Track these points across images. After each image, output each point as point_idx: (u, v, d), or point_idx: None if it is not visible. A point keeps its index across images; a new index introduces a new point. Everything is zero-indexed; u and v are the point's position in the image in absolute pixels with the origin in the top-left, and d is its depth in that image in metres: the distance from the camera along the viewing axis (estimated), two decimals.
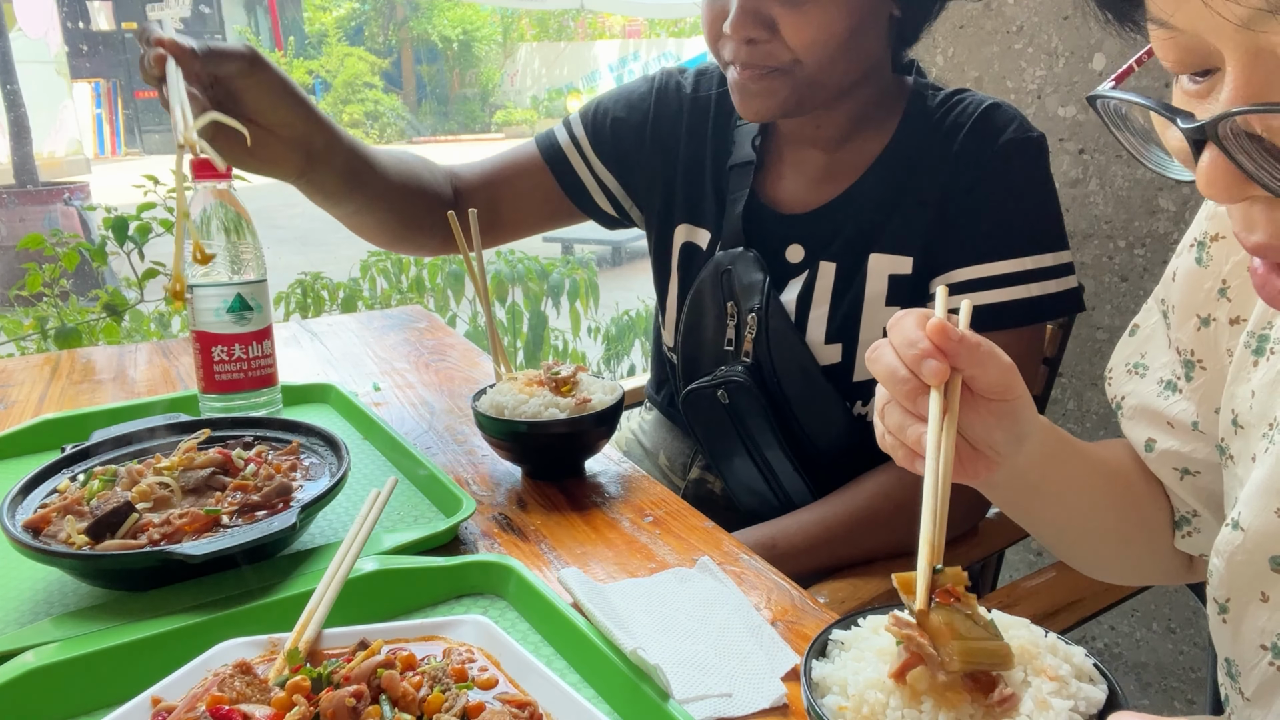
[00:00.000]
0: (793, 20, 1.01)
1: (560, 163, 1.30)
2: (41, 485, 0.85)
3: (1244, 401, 0.68)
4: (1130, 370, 0.80)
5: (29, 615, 0.75)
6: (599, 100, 1.32)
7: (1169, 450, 0.76)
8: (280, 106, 1.00)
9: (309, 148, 1.04)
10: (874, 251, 1.11)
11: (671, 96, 1.28)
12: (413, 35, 23.22)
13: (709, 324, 1.20)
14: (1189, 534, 0.79)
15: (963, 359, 0.60)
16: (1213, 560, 0.69)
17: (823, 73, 1.04)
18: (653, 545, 0.88)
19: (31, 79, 9.62)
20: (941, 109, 1.11)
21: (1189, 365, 0.74)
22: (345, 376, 1.38)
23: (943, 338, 0.59)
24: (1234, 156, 0.41)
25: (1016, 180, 1.07)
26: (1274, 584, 0.63)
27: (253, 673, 0.58)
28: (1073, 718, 0.49)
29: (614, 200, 1.32)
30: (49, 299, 2.61)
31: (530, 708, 0.57)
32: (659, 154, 1.27)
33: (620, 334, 3.52)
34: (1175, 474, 0.77)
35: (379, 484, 0.80)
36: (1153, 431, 0.77)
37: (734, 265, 1.16)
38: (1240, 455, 0.68)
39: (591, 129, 1.30)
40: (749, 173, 1.19)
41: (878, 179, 1.13)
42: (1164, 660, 1.71)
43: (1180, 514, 0.79)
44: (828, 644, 0.58)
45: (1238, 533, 0.65)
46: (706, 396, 1.17)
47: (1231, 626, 0.67)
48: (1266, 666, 0.64)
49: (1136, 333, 0.81)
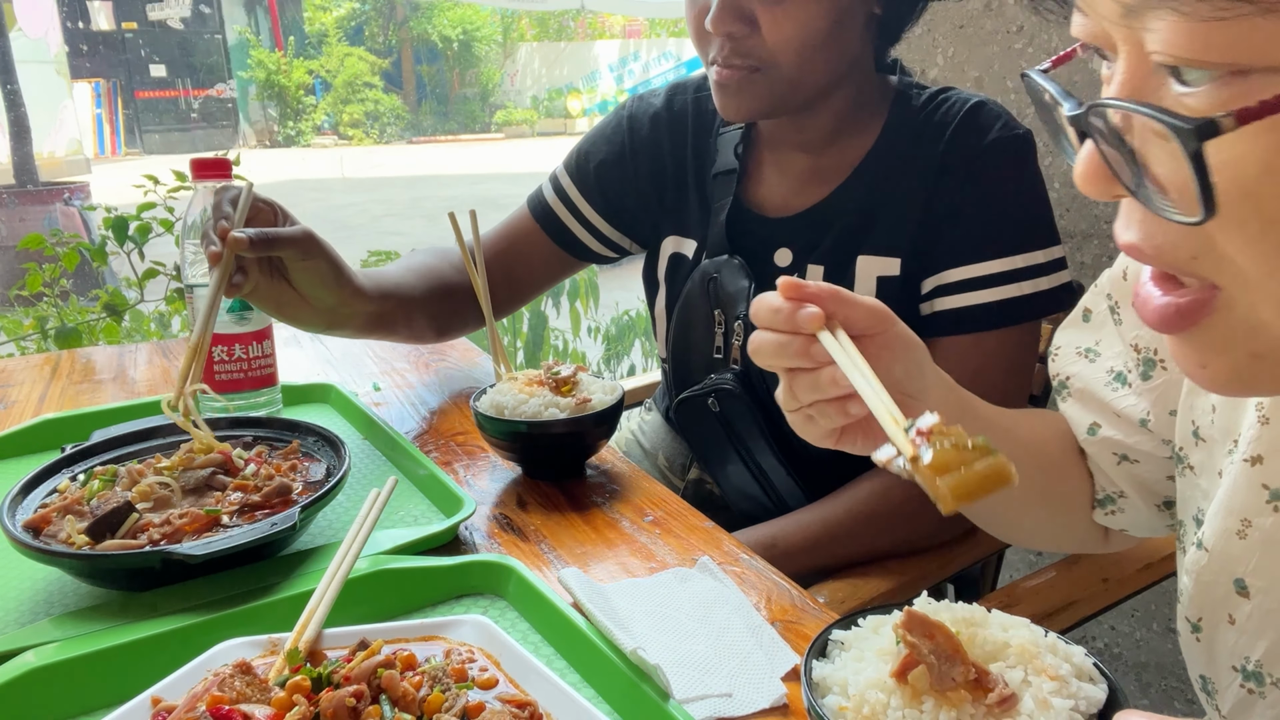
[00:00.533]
0: (772, 16, 1.01)
1: (551, 221, 1.32)
2: (41, 485, 0.85)
3: (1204, 415, 0.67)
4: (1080, 354, 0.80)
5: (29, 615, 0.75)
6: (578, 147, 1.34)
7: (1111, 438, 0.76)
8: (322, 285, 1.03)
9: (335, 316, 1.08)
10: (861, 253, 1.11)
11: (643, 119, 1.28)
12: (413, 35, 23.24)
13: (698, 333, 1.20)
14: (1112, 512, 0.79)
15: (826, 304, 0.63)
16: (1182, 579, 0.69)
17: (802, 70, 1.04)
18: (653, 545, 0.88)
19: (31, 79, 9.62)
20: (926, 109, 1.11)
21: (1149, 364, 0.73)
22: (345, 376, 1.38)
23: (798, 291, 0.63)
24: (1100, 148, 0.42)
25: (1004, 178, 1.07)
26: (1238, 606, 0.63)
27: (253, 673, 0.58)
28: (1073, 717, 0.49)
29: (607, 241, 1.33)
30: (49, 299, 2.61)
31: (530, 708, 0.57)
32: (646, 177, 1.28)
33: (620, 334, 3.52)
34: (1114, 459, 0.77)
35: (379, 484, 0.80)
36: (1098, 417, 0.77)
37: (719, 273, 1.16)
38: (1203, 468, 0.68)
39: (577, 177, 1.32)
40: (732, 180, 1.19)
41: (863, 181, 1.12)
42: (1164, 660, 1.71)
43: (1106, 493, 0.79)
44: (828, 644, 0.58)
45: (1202, 553, 0.65)
46: (697, 405, 1.17)
47: (1205, 646, 0.67)
48: (1239, 688, 0.64)
49: (1090, 319, 0.80)
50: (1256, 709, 0.63)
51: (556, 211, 1.32)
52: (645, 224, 1.30)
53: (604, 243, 1.33)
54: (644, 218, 1.30)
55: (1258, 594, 0.62)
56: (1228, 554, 0.63)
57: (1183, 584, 0.69)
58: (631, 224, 1.32)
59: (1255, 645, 0.62)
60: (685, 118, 1.26)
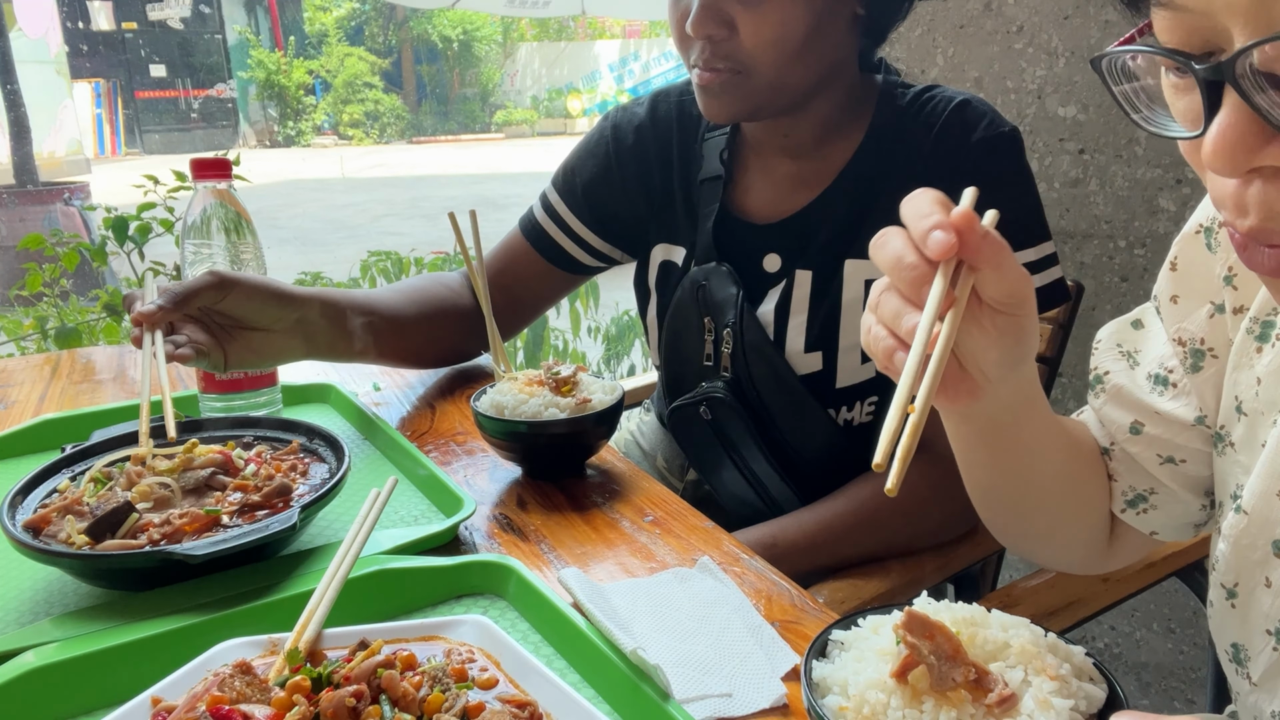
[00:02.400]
0: (751, 19, 1.01)
1: (542, 239, 1.32)
2: (41, 485, 0.85)
3: (1248, 389, 0.67)
4: (1122, 354, 0.78)
5: (29, 615, 0.75)
6: (565, 164, 1.34)
7: (1158, 437, 0.75)
8: (265, 308, 1.02)
9: (306, 330, 1.07)
10: (849, 257, 1.10)
11: (627, 130, 1.28)
12: (413, 35, 23.24)
13: (689, 340, 1.20)
14: (1144, 511, 0.78)
15: (983, 254, 0.55)
16: (1219, 546, 0.68)
17: (782, 73, 1.04)
18: (653, 545, 0.88)
19: (31, 79, 9.63)
20: (911, 108, 1.10)
21: (1198, 355, 0.72)
22: (345, 376, 1.38)
23: (967, 223, 0.55)
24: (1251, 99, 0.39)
25: (993, 177, 1.07)
26: (1276, 568, 0.63)
27: (253, 673, 0.58)
28: (1074, 717, 0.49)
29: (598, 254, 1.33)
30: (49, 299, 2.61)
31: (530, 708, 0.57)
32: (635, 188, 1.27)
33: (620, 334, 3.52)
34: (1157, 459, 0.76)
35: (379, 484, 0.80)
36: (1139, 416, 0.76)
37: (708, 280, 1.16)
38: (1244, 442, 0.67)
39: (566, 194, 1.31)
40: (718, 186, 1.19)
41: (850, 183, 1.12)
42: (1164, 660, 1.71)
43: (1138, 492, 0.78)
44: (827, 644, 0.58)
45: (1241, 516, 0.64)
46: (690, 413, 1.17)
47: (1240, 611, 0.66)
48: (1271, 651, 0.64)
49: (1140, 329, 0.79)
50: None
51: (547, 230, 1.32)
52: (635, 233, 1.30)
53: (596, 256, 1.33)
54: (634, 227, 1.29)
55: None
56: (1268, 516, 0.62)
57: (1219, 551, 0.68)
58: (621, 235, 1.31)
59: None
60: (670, 124, 1.26)
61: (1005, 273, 0.57)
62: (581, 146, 1.33)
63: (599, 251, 1.32)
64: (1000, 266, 0.56)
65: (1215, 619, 0.70)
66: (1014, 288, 0.57)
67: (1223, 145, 0.41)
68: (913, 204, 0.57)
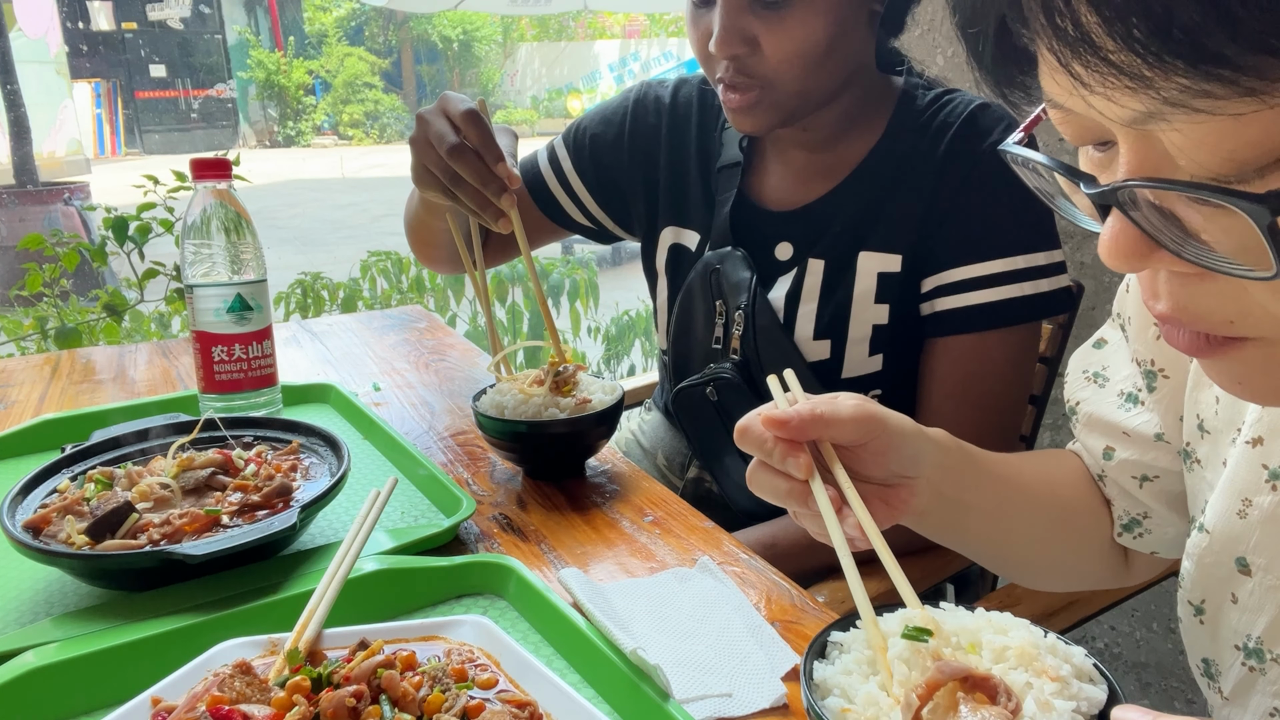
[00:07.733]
0: (773, 35, 1.02)
1: (537, 183, 1.34)
2: (41, 485, 0.85)
3: (1208, 407, 0.68)
4: (1089, 378, 0.80)
5: (29, 615, 0.75)
6: (579, 120, 1.36)
7: (1128, 459, 0.76)
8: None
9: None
10: (863, 249, 1.11)
11: (649, 108, 1.30)
12: (413, 35, 23.22)
13: (699, 323, 1.21)
14: (1140, 535, 0.79)
15: (810, 433, 0.62)
16: (1184, 564, 0.69)
17: (807, 83, 1.05)
18: (653, 545, 0.88)
19: (31, 79, 9.63)
20: (930, 109, 1.11)
21: (1150, 375, 0.74)
22: (345, 376, 1.38)
23: (780, 427, 0.62)
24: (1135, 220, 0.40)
25: (1006, 180, 1.07)
26: (1240, 585, 0.64)
27: (253, 673, 0.58)
28: (1075, 719, 0.49)
29: (587, 213, 1.35)
30: (49, 299, 2.61)
31: (530, 708, 0.57)
32: (639, 164, 1.29)
33: (620, 334, 3.52)
34: (1135, 481, 0.77)
35: (379, 484, 0.80)
36: (1110, 441, 0.77)
37: (722, 264, 1.17)
38: (1208, 459, 0.68)
39: (573, 148, 1.33)
40: (736, 173, 1.21)
41: (866, 177, 1.13)
42: (1164, 660, 1.71)
43: (1131, 516, 0.79)
44: (827, 645, 0.58)
45: (1204, 535, 0.66)
46: (696, 395, 1.17)
47: (1209, 628, 0.67)
48: (1240, 666, 0.65)
49: (1103, 347, 0.80)
50: (1257, 686, 0.64)
51: (546, 179, 1.34)
52: (633, 209, 1.32)
53: (585, 215, 1.35)
54: (627, 199, 1.31)
55: (1259, 571, 0.62)
56: (1229, 534, 0.64)
57: (1185, 569, 0.69)
58: (612, 203, 1.33)
59: (1256, 622, 0.63)
60: (690, 110, 1.28)
61: (840, 427, 0.63)
62: (600, 109, 1.35)
63: (589, 211, 1.35)
64: (830, 426, 0.63)
65: (1186, 635, 0.71)
66: (855, 429, 0.63)
67: (1114, 251, 0.42)
68: (748, 436, 0.65)
